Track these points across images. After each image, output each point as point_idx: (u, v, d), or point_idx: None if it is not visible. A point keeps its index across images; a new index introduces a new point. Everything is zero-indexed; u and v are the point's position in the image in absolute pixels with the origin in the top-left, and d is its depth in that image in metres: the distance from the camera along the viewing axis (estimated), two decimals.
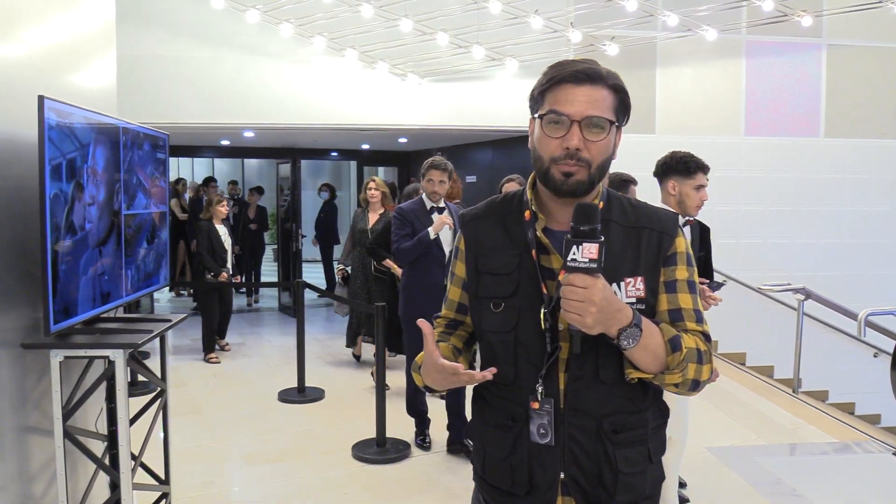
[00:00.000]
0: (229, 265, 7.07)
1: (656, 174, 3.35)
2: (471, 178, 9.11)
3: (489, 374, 1.42)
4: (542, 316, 1.45)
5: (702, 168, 3.26)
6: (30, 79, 2.56)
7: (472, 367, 1.58)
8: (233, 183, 11.61)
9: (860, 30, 7.37)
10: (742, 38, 7.26)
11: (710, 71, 7.35)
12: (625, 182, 4.18)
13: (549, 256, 1.48)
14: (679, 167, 3.25)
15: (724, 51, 7.26)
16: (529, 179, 1.55)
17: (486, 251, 1.55)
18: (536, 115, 1.47)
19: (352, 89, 6.90)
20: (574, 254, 1.31)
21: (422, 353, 1.52)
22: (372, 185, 6.30)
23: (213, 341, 7.10)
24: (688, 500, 3.72)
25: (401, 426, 4.87)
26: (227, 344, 7.44)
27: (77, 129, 2.53)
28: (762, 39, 7.30)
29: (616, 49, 6.59)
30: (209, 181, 9.84)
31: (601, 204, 1.49)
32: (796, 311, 6.17)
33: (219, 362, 6.89)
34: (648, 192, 4.48)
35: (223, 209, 7.08)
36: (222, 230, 7.02)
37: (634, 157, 6.88)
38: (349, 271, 6.56)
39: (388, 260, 5.38)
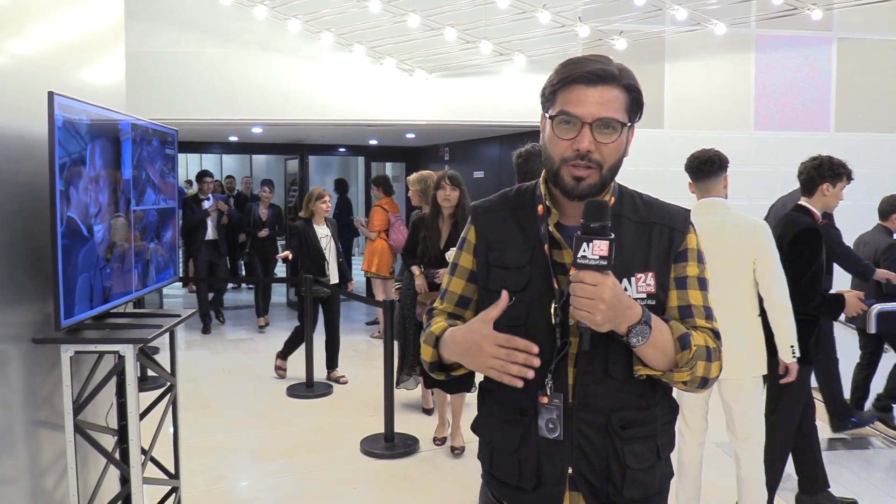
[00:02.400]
0: (331, 273, 6.05)
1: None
2: (478, 174, 9.10)
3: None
4: (552, 311, 1.44)
5: None
6: (40, 75, 2.57)
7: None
8: (229, 178, 11.57)
9: (871, 23, 7.30)
10: (751, 32, 7.21)
11: (719, 65, 7.31)
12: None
13: (562, 251, 1.48)
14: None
15: (733, 45, 7.21)
16: (542, 174, 1.54)
17: (497, 244, 1.54)
18: (548, 115, 1.46)
19: (360, 85, 6.89)
20: (584, 251, 1.30)
21: (441, 324, 1.53)
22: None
23: (289, 352, 6.20)
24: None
25: (409, 421, 4.88)
26: (342, 376, 6.08)
27: (86, 125, 2.54)
28: (772, 33, 7.25)
29: (624, 44, 6.56)
30: (204, 175, 9.10)
31: (612, 199, 1.48)
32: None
33: (283, 377, 6.14)
34: (659, 187, 4.46)
35: (326, 206, 6.02)
36: (322, 231, 6.00)
37: (643, 151, 6.94)
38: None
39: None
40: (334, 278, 6.13)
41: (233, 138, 10.09)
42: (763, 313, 3.19)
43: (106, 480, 2.95)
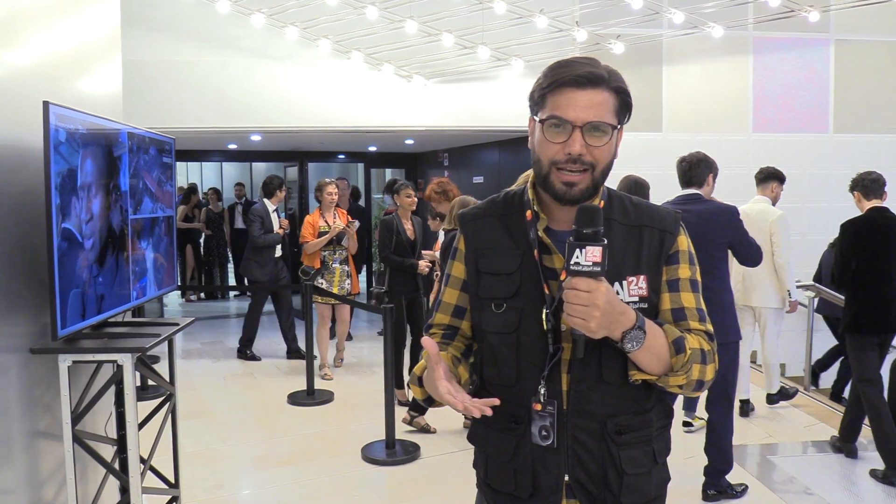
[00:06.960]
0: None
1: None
2: (478, 179, 9.10)
3: (487, 409, 1.32)
4: (543, 317, 1.43)
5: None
6: (36, 85, 2.57)
7: (472, 377, 1.55)
8: (238, 185, 11.55)
9: (868, 24, 7.32)
10: (749, 34, 7.23)
11: (717, 68, 7.32)
12: (640, 185, 4.45)
13: (552, 256, 1.46)
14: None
15: (730, 47, 7.23)
16: (530, 179, 1.53)
17: (486, 251, 1.53)
18: (537, 119, 1.44)
19: (358, 91, 6.90)
20: (577, 257, 1.29)
21: (421, 363, 1.50)
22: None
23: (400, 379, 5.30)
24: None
25: (410, 428, 4.87)
26: (426, 424, 4.92)
27: (83, 135, 2.54)
28: (769, 35, 7.26)
29: (622, 47, 6.57)
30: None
31: (602, 203, 1.47)
32: (807, 308, 6.13)
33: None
34: (658, 191, 4.46)
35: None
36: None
37: (641, 155, 6.95)
38: None
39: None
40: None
41: (232, 146, 10.10)
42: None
43: (105, 490, 2.94)
